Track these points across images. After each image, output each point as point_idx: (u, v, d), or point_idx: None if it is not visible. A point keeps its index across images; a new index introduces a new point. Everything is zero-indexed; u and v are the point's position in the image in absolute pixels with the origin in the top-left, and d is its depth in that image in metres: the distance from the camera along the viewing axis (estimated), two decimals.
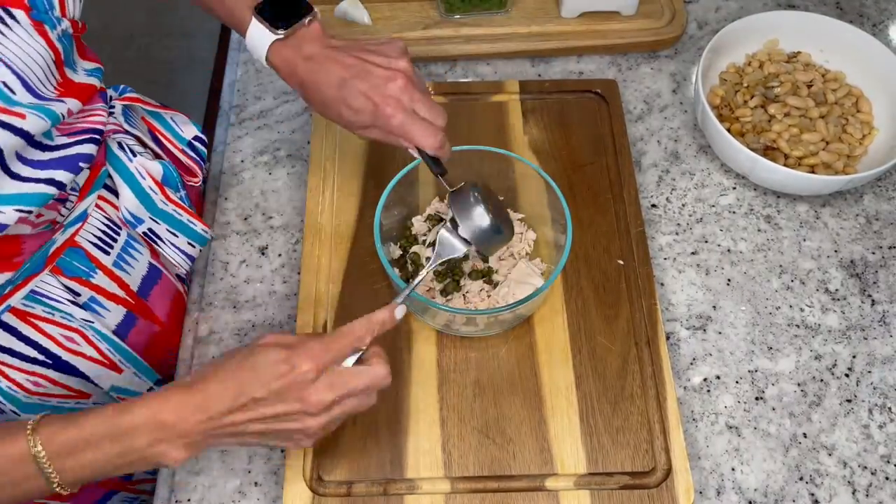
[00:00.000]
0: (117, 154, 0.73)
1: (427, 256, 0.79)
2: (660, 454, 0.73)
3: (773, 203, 0.92)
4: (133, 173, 0.74)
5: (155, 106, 0.80)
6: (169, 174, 0.77)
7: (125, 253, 0.75)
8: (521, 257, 0.82)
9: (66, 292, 0.69)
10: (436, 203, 0.86)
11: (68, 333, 0.72)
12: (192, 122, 0.83)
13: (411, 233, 0.83)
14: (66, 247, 0.69)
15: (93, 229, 0.72)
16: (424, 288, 0.80)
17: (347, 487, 0.71)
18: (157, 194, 0.76)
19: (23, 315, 0.68)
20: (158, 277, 0.81)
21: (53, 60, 0.61)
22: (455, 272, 0.80)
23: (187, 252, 0.81)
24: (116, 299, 0.75)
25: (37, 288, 0.68)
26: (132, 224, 0.75)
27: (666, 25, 1.03)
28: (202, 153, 0.85)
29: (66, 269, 0.70)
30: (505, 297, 0.79)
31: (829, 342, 0.83)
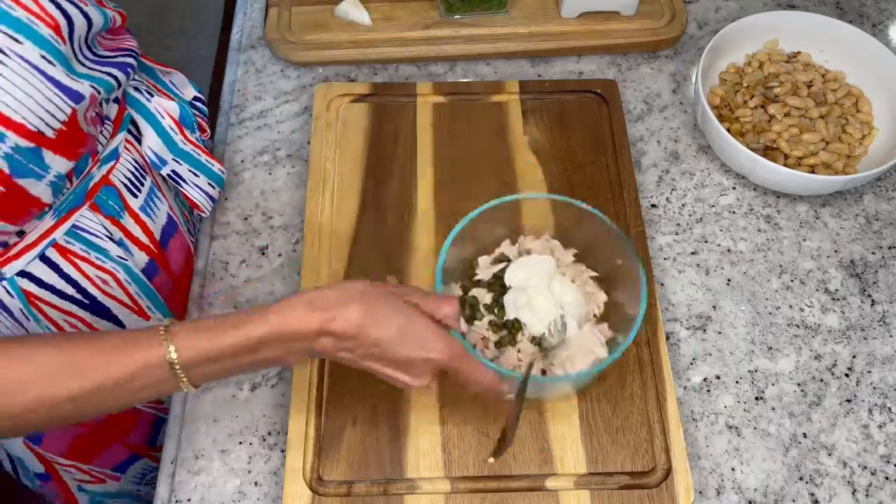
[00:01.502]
0: (135, 96, 0.76)
1: (485, 303, 0.75)
2: (660, 454, 0.73)
3: (773, 203, 0.92)
4: (153, 113, 0.77)
5: (153, 62, 0.82)
6: (185, 113, 0.80)
7: (150, 199, 0.79)
8: (587, 320, 0.76)
9: (103, 229, 0.73)
10: (506, 245, 0.80)
11: (103, 275, 0.74)
12: (191, 83, 0.85)
13: (474, 272, 0.78)
14: (102, 184, 0.73)
15: (124, 170, 0.75)
16: (479, 336, 0.75)
17: (347, 487, 0.71)
18: (176, 134, 0.78)
19: (63, 251, 0.71)
20: (175, 230, 0.84)
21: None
22: (513, 327, 0.74)
23: (209, 192, 0.83)
24: (141, 245, 0.78)
25: (77, 223, 0.71)
26: (156, 165, 0.78)
27: (666, 25, 1.03)
28: (204, 111, 0.87)
29: (102, 206, 0.73)
30: (562, 362, 0.73)
31: (829, 342, 0.83)
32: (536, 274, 0.76)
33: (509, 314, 0.74)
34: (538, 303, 0.74)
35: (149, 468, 0.94)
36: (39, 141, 0.61)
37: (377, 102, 0.95)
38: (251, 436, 0.76)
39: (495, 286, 0.76)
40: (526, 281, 0.75)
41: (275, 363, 0.63)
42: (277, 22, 1.02)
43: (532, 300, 0.74)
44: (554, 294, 0.75)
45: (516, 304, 0.74)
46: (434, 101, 0.95)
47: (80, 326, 0.75)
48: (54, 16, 0.59)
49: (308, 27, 1.02)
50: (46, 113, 0.61)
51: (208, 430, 0.76)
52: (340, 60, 1.01)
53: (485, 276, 0.78)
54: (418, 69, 1.01)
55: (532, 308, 0.74)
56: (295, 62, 1.01)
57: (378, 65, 1.01)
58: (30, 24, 0.58)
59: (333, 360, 0.64)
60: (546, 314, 0.73)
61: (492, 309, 0.75)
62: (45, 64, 0.59)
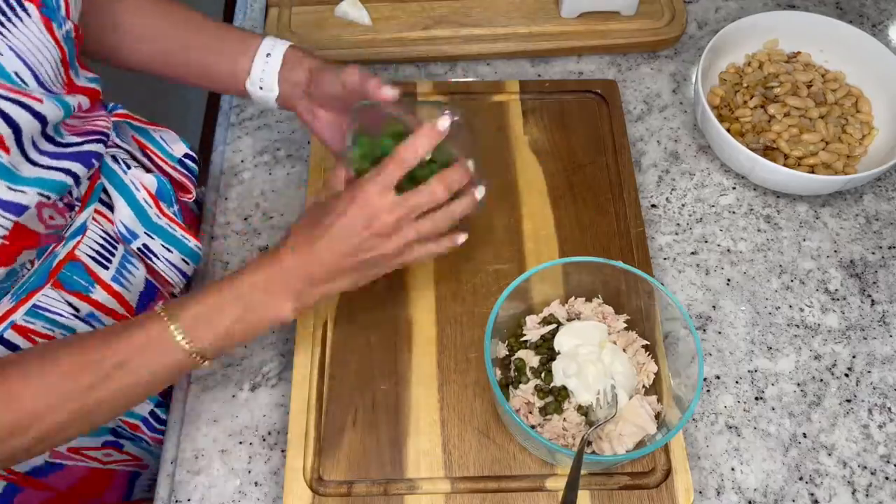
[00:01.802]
0: (112, 167, 0.74)
1: (532, 366, 0.73)
2: (659, 454, 0.73)
3: (772, 203, 0.92)
4: (128, 185, 0.74)
5: (143, 122, 0.80)
6: (163, 187, 0.77)
7: (123, 268, 0.75)
8: (637, 392, 0.73)
9: (67, 307, 0.69)
10: (555, 305, 0.77)
11: None
12: (182, 140, 0.83)
13: (522, 332, 0.76)
14: (67, 260, 0.69)
15: (91, 243, 0.72)
16: (523, 400, 0.73)
17: (348, 487, 0.71)
18: (151, 207, 0.76)
19: (24, 331, 0.68)
20: (155, 294, 0.80)
21: (60, 59, 0.61)
22: (560, 394, 0.72)
23: (181, 269, 0.80)
24: (115, 315, 0.74)
25: (38, 302, 0.68)
26: (127, 239, 0.74)
27: (666, 25, 1.03)
28: (193, 170, 0.84)
29: (67, 283, 0.69)
30: (609, 434, 0.70)
31: (829, 342, 0.83)
32: (587, 341, 0.73)
33: (556, 381, 0.72)
34: (588, 372, 0.71)
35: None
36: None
37: None
38: (251, 436, 0.76)
39: (543, 349, 0.74)
40: (576, 348, 0.73)
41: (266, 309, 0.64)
42: (277, 22, 1.02)
43: (582, 369, 0.71)
44: (604, 363, 0.72)
45: (565, 371, 0.71)
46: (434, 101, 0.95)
47: None
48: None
49: (308, 27, 1.02)
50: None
51: (208, 430, 0.76)
52: (340, 60, 1.01)
53: (532, 336, 0.75)
54: (418, 69, 1.01)
55: (581, 377, 0.71)
56: None
57: (378, 65, 1.01)
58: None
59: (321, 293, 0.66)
60: (595, 384, 0.71)
61: (538, 373, 0.73)
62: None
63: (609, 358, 0.72)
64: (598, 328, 0.75)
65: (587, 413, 0.71)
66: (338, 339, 0.79)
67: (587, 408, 0.71)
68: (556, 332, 0.74)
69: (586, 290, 0.78)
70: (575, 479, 0.64)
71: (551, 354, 0.73)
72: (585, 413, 0.71)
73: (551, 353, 0.74)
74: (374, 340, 0.79)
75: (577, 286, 0.77)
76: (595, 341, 0.73)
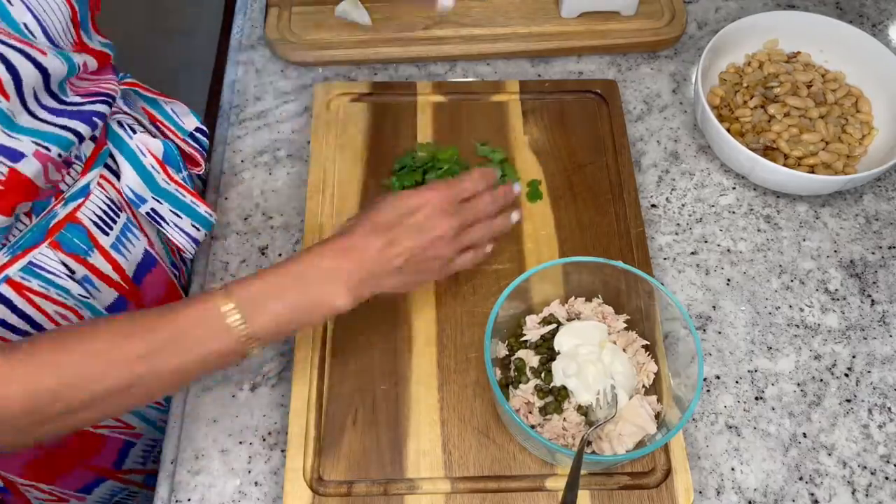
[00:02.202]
0: (117, 132, 0.74)
1: (532, 366, 0.73)
2: (659, 454, 0.73)
3: (772, 203, 0.92)
4: (133, 150, 0.74)
5: (154, 93, 0.80)
6: (170, 152, 0.77)
7: (123, 236, 0.75)
8: (637, 392, 0.73)
9: (63, 267, 0.69)
10: (555, 305, 0.78)
11: (62, 311, 0.71)
12: (193, 113, 0.82)
13: (522, 332, 0.76)
14: (66, 221, 0.69)
15: (94, 207, 0.72)
16: (523, 400, 0.73)
17: (348, 487, 0.71)
18: (158, 173, 0.75)
19: (19, 287, 0.68)
20: (153, 265, 0.80)
21: (70, 17, 0.62)
22: (560, 394, 0.72)
23: (192, 235, 0.80)
24: (110, 282, 0.74)
25: (35, 260, 0.68)
26: (135, 203, 0.75)
27: (666, 25, 1.03)
28: (204, 144, 0.84)
29: (65, 244, 0.69)
30: (609, 434, 0.70)
31: (829, 342, 0.83)
32: (587, 341, 0.73)
33: (556, 381, 0.72)
34: (588, 372, 0.71)
35: (116, 489, 0.92)
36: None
37: (377, 102, 0.95)
38: (251, 436, 0.76)
39: (543, 349, 0.74)
40: (576, 348, 0.73)
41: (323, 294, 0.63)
42: (277, 22, 1.02)
43: (582, 368, 0.71)
44: (604, 363, 0.72)
45: (565, 371, 0.71)
46: (434, 101, 0.95)
47: None
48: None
49: (308, 27, 1.02)
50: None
51: (208, 430, 0.76)
52: (340, 60, 1.01)
53: (532, 336, 0.75)
54: (418, 69, 1.01)
55: (581, 377, 0.71)
56: (295, 62, 1.01)
57: (378, 65, 1.01)
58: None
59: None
60: (595, 384, 0.71)
61: (538, 373, 0.73)
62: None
63: (609, 358, 0.72)
64: (598, 328, 0.75)
65: (587, 413, 0.71)
66: (338, 339, 0.79)
67: (587, 408, 0.71)
68: (555, 332, 0.74)
69: (586, 290, 0.78)
70: (575, 479, 0.64)
71: (551, 354, 0.73)
72: (585, 413, 0.71)
73: (551, 353, 0.74)
74: (374, 340, 0.79)
75: (578, 286, 0.77)
76: (595, 341, 0.73)
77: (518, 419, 0.66)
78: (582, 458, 0.65)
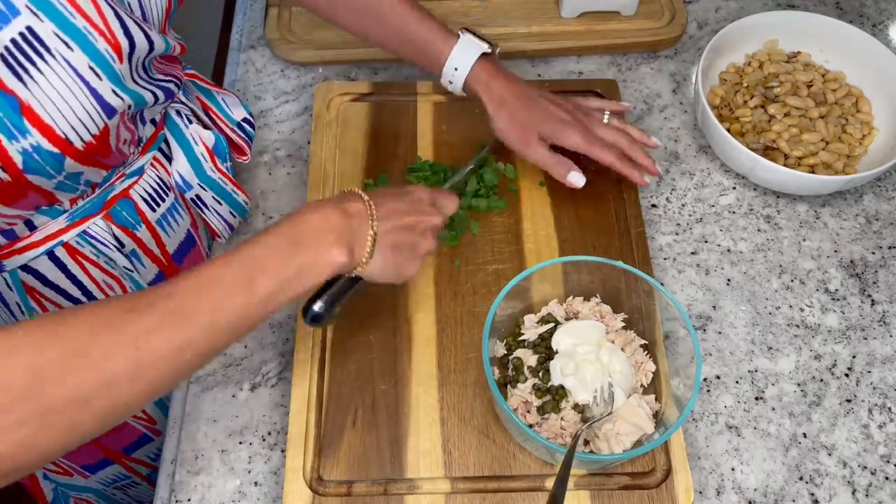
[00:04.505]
0: (175, 120, 0.78)
1: (530, 365, 0.73)
2: (659, 454, 0.73)
3: (773, 203, 0.92)
4: (188, 139, 0.78)
5: (209, 83, 0.85)
6: (220, 144, 0.81)
7: (169, 214, 0.80)
8: (635, 391, 0.73)
9: (113, 238, 0.74)
10: (553, 305, 0.78)
11: (109, 280, 0.76)
12: (242, 105, 0.86)
13: (520, 332, 0.76)
14: (121, 196, 0.74)
15: (146, 185, 0.76)
16: (521, 399, 0.73)
17: (347, 487, 0.71)
18: (207, 162, 0.80)
19: (73, 252, 0.73)
20: (192, 246, 0.85)
21: (165, 8, 0.68)
22: (558, 393, 0.71)
23: (228, 221, 0.85)
24: (152, 256, 0.80)
25: (89, 230, 0.72)
26: (182, 188, 0.79)
27: (666, 25, 1.03)
28: (251, 134, 0.88)
29: (116, 217, 0.74)
30: (607, 433, 0.70)
31: (829, 342, 0.83)
32: (585, 340, 0.73)
33: (554, 380, 0.71)
34: (586, 371, 0.71)
35: (120, 475, 0.93)
36: (65, 149, 0.61)
37: (377, 102, 0.95)
38: (251, 436, 0.76)
39: (541, 348, 0.74)
40: (574, 347, 0.73)
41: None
42: (277, 22, 1.02)
43: (579, 368, 0.71)
44: (602, 362, 0.72)
45: (563, 370, 0.71)
46: (434, 101, 0.95)
47: None
48: (117, 36, 0.60)
49: (308, 27, 1.02)
50: (80, 123, 0.60)
51: (208, 430, 0.76)
52: (340, 60, 1.01)
53: (530, 336, 0.75)
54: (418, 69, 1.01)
55: (579, 376, 0.71)
56: (295, 62, 1.01)
57: (378, 64, 1.01)
58: (87, 33, 0.58)
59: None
60: (593, 383, 0.71)
61: (536, 372, 0.72)
62: (91, 75, 0.59)
63: (607, 357, 0.72)
64: (596, 327, 0.75)
65: (584, 411, 0.71)
66: (338, 339, 0.79)
67: (584, 406, 0.71)
68: (553, 332, 0.74)
69: (585, 289, 0.78)
70: (565, 474, 0.64)
71: (549, 353, 0.73)
72: (582, 411, 0.71)
73: (549, 353, 0.74)
74: (374, 340, 0.79)
75: (577, 285, 0.77)
76: (593, 340, 0.73)
77: (516, 418, 0.66)
78: (574, 454, 0.65)
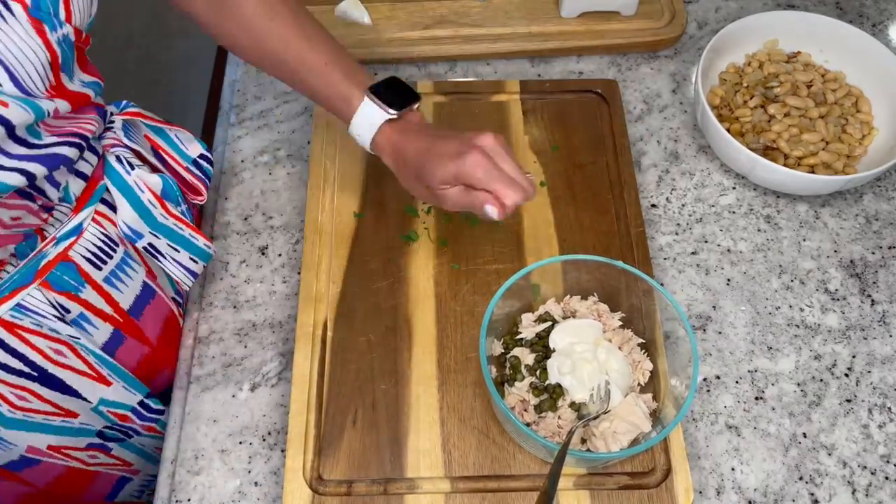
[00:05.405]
0: (115, 167, 0.72)
1: (527, 364, 0.73)
2: (659, 454, 0.73)
3: (772, 203, 0.92)
4: (131, 186, 0.73)
5: (157, 121, 0.79)
6: (168, 188, 0.76)
7: (119, 270, 0.74)
8: (632, 390, 0.74)
9: (52, 308, 0.68)
10: (551, 303, 0.78)
11: (56, 346, 0.71)
12: (198, 140, 0.82)
13: (517, 330, 0.76)
14: (57, 261, 0.68)
15: (87, 244, 0.71)
16: (518, 398, 0.73)
17: (347, 487, 0.71)
18: (156, 208, 0.74)
19: (10, 326, 0.67)
20: (151, 297, 0.79)
21: (49, 62, 0.60)
22: (555, 391, 0.71)
23: (189, 268, 0.80)
24: (104, 316, 0.74)
25: (23, 301, 0.67)
26: (131, 238, 0.73)
27: (666, 25, 1.03)
28: (208, 171, 0.83)
29: (55, 283, 0.69)
30: (604, 432, 0.70)
31: (829, 342, 0.83)
32: (582, 339, 0.73)
33: (551, 378, 0.71)
34: (583, 370, 0.71)
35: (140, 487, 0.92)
36: None
37: None
38: (251, 436, 0.76)
39: (538, 347, 0.74)
40: (571, 346, 0.73)
41: None
42: None
43: (576, 366, 0.71)
44: (599, 361, 0.72)
45: (560, 369, 0.71)
46: (435, 101, 0.95)
47: (27, 397, 0.72)
48: None
49: None
50: None
51: (208, 430, 0.76)
52: None
53: (528, 334, 0.75)
54: (419, 69, 1.01)
55: (576, 374, 0.71)
56: None
57: (378, 65, 1.01)
58: None
59: None
60: (590, 381, 0.71)
61: (534, 371, 0.72)
62: None
63: (604, 356, 0.72)
64: (593, 326, 0.75)
65: (580, 409, 0.71)
66: (338, 339, 0.79)
67: (581, 405, 0.71)
68: (551, 330, 0.74)
69: (584, 288, 0.78)
70: (557, 471, 0.64)
71: (546, 352, 0.73)
72: (579, 409, 0.71)
73: (546, 351, 0.74)
74: (374, 340, 0.79)
75: (576, 284, 0.77)
76: (590, 339, 0.73)
77: (513, 416, 0.66)
78: (567, 450, 0.65)
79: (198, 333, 0.82)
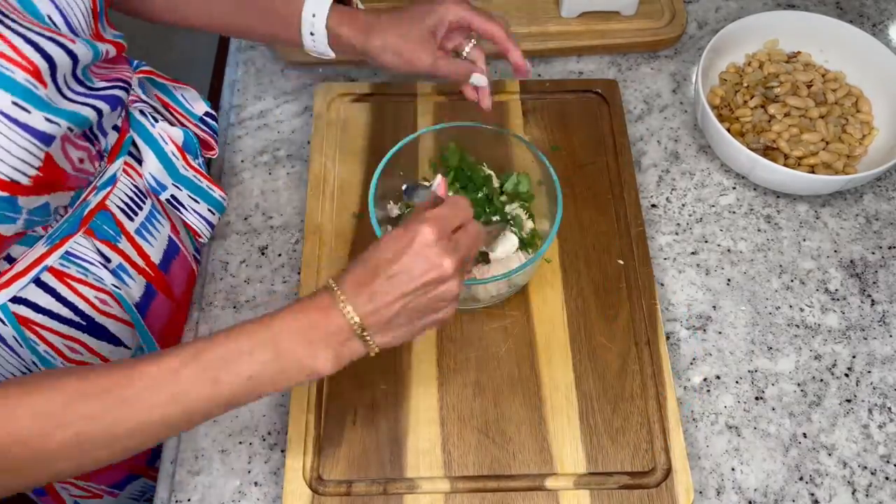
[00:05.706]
0: (140, 120, 0.76)
1: None
2: (659, 454, 0.73)
3: (773, 203, 0.92)
4: (156, 138, 0.77)
5: (165, 79, 0.82)
6: (189, 140, 0.80)
7: (148, 222, 0.78)
8: (515, 248, 0.80)
9: (97, 255, 0.72)
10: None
11: (101, 295, 0.74)
12: (202, 98, 0.85)
13: None
14: (98, 209, 0.72)
15: (121, 194, 0.75)
16: None
17: (347, 487, 0.71)
18: (178, 160, 0.78)
19: (60, 275, 0.71)
20: (176, 253, 0.83)
21: (91, 8, 0.64)
22: None
23: (208, 219, 0.84)
24: (138, 269, 0.78)
25: (71, 249, 0.70)
26: (156, 190, 0.78)
27: (666, 25, 1.03)
28: (214, 128, 0.87)
29: (98, 231, 0.73)
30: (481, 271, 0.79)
31: (829, 342, 0.83)
32: None
33: None
34: None
35: (148, 487, 0.94)
36: (13, 190, 0.59)
37: (377, 102, 0.95)
38: (251, 436, 0.76)
39: None
40: None
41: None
42: None
43: None
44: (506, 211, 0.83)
45: None
46: (435, 101, 0.95)
47: (77, 349, 0.75)
48: (32, 59, 0.56)
49: None
50: (20, 161, 0.58)
51: (208, 430, 0.76)
52: (340, 61, 1.00)
53: None
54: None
55: None
56: (295, 62, 1.01)
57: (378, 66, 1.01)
58: (3, 70, 0.55)
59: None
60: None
61: None
62: (19, 111, 0.56)
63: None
64: None
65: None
66: None
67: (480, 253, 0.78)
68: None
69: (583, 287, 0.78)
70: None
71: None
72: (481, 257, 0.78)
73: None
74: None
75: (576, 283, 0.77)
76: None
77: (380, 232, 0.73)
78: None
79: (198, 333, 0.82)
